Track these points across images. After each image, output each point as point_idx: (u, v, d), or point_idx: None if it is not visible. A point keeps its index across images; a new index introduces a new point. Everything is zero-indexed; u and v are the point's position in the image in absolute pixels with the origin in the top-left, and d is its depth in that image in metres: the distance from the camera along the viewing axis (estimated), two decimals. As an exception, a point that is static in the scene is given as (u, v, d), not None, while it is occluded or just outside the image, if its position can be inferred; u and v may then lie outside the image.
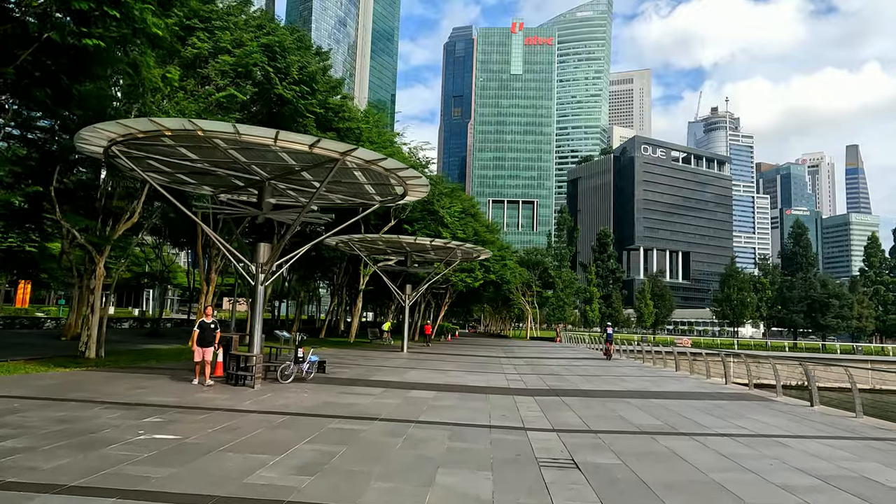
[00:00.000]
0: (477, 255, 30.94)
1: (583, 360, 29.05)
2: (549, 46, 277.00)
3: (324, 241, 28.78)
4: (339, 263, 40.83)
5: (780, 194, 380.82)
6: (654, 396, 14.40)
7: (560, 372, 21.16)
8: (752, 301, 67.89)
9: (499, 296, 70.90)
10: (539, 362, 26.56)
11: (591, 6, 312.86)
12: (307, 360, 14.74)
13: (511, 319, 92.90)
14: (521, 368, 22.18)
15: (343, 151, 12.90)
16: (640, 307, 76.36)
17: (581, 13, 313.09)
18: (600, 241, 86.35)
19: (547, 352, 38.76)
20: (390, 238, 27.25)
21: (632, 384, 17.42)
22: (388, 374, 17.56)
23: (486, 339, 64.27)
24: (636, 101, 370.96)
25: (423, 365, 22.14)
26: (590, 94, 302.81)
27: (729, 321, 69.66)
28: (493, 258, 43.22)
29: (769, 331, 76.00)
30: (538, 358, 30.19)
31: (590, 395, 14.23)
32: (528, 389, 15.16)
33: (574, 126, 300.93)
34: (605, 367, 24.22)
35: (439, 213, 37.33)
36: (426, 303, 52.04)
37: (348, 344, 35.04)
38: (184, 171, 15.94)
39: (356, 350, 29.79)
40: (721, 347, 52.79)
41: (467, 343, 49.27)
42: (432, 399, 12.51)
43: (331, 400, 11.65)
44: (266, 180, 15.59)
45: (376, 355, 26.37)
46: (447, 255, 29.69)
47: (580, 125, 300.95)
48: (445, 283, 44.08)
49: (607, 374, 21.03)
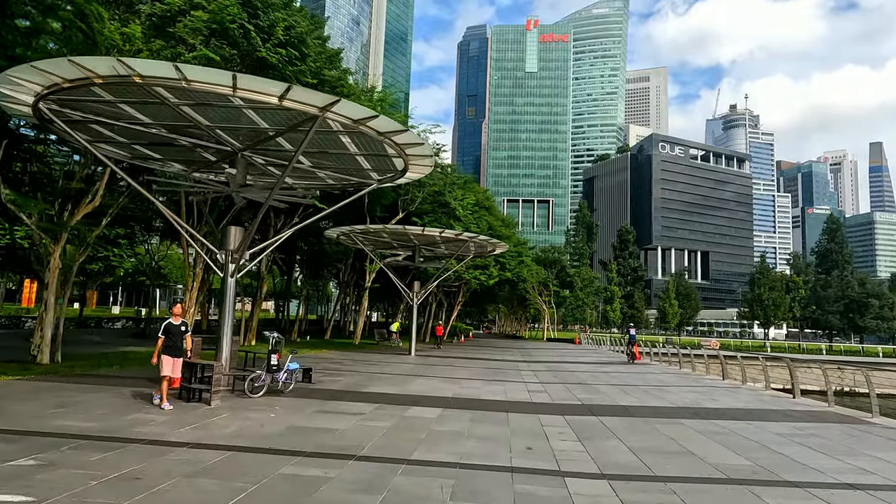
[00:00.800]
0: (492, 248, 28.10)
1: (610, 365, 26.09)
2: (564, 43, 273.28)
3: (326, 232, 26.23)
4: (346, 260, 38.26)
5: (802, 193, 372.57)
6: (714, 416, 11.49)
7: (588, 380, 18.29)
8: (783, 301, 63.86)
9: (514, 295, 67.93)
10: (562, 368, 23.69)
11: (606, 3, 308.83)
12: (285, 368, 12.03)
13: (526, 320, 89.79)
14: (542, 376, 19.34)
15: (323, 106, 10.20)
16: (664, 307, 72.36)
17: (597, 10, 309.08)
18: (621, 237, 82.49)
19: (567, 355, 35.81)
20: (395, 229, 24.54)
21: (678, 397, 14.50)
22: (387, 384, 14.83)
23: (501, 341, 61.35)
24: (653, 100, 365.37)
25: (431, 371, 19.39)
26: (606, 91, 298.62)
27: (759, 322, 65.49)
28: (508, 254, 40.34)
29: (802, 332, 71.72)
30: (560, 362, 27.28)
31: (634, 414, 11.37)
32: (555, 405, 12.34)
33: (590, 124, 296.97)
34: (639, 374, 21.26)
35: (451, 205, 34.58)
36: (438, 302, 49.30)
37: (353, 346, 32.42)
38: (142, 143, 13.38)
39: (360, 353, 27.14)
40: (752, 350, 49.35)
41: (481, 345, 46.46)
42: (436, 421, 9.76)
43: (301, 423, 8.93)
44: (238, 151, 12.96)
45: (380, 359, 23.69)
46: (459, 249, 26.91)
47: (596, 123, 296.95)
48: (458, 282, 41.31)
49: (644, 382, 18.12)
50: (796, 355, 43.46)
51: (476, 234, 25.22)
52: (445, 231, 24.32)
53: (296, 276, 53.72)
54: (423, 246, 28.12)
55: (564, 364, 26.10)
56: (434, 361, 24.24)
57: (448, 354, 30.00)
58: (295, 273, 49.80)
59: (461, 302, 52.03)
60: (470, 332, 63.48)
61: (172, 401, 10.11)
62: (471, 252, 29.43)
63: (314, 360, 20.81)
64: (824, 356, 46.45)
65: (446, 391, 13.99)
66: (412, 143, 12.33)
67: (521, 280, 50.64)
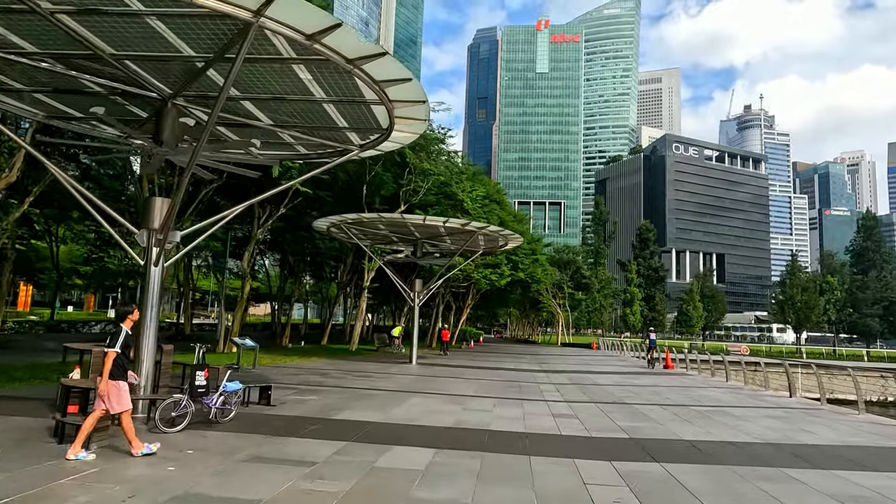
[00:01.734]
0: (503, 242, 24.67)
1: (642, 376, 22.53)
2: (575, 44, 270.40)
3: (314, 224, 23.01)
4: (344, 258, 35.02)
5: (819, 194, 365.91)
6: (830, 461, 8.00)
7: (624, 397, 14.81)
8: (817, 303, 59.31)
9: (527, 298, 64.39)
10: (586, 379, 20.20)
11: (618, 3, 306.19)
12: (220, 389, 8.66)
13: (539, 324, 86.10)
14: (567, 391, 15.87)
15: (256, 9, 6.87)
16: (688, 309, 67.97)
17: (608, 10, 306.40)
18: (641, 236, 78.09)
19: (588, 362, 32.26)
20: (393, 219, 21.23)
21: (755, 425, 10.95)
22: (370, 406, 11.45)
23: (513, 346, 57.85)
24: (665, 101, 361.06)
25: (432, 385, 16.01)
26: (618, 92, 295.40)
27: (792, 326, 60.94)
28: (521, 251, 36.94)
29: (837, 337, 66.85)
30: (582, 372, 23.76)
31: (713, 458, 7.89)
32: (594, 441, 8.89)
33: (602, 126, 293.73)
34: (682, 389, 17.69)
35: (458, 197, 31.25)
36: (445, 304, 45.90)
37: (349, 353, 29.12)
38: (45, 90, 10.14)
39: (354, 361, 23.82)
40: (788, 356, 45.34)
41: (492, 350, 43.00)
42: (422, 474, 6.36)
43: (205, 488, 5.54)
44: (167, 99, 9.68)
45: (375, 369, 20.35)
46: (466, 243, 23.50)
47: (608, 125, 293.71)
48: (467, 282, 37.91)
49: (695, 400, 14.60)
50: (843, 363, 39.53)
51: (485, 225, 21.80)
52: (450, 221, 20.93)
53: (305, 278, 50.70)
54: (426, 240, 24.77)
55: (589, 374, 22.57)
56: (437, 371, 20.85)
57: (454, 362, 26.59)
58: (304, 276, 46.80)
59: (470, 304, 48.61)
60: (480, 336, 60.03)
61: (33, 444, 6.81)
62: (480, 247, 26.03)
63: (294, 372, 17.53)
64: (869, 363, 42.45)
65: (446, 416, 10.58)
66: (395, 79, 8.88)
67: (534, 281, 47.14)
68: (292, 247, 31.57)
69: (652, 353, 28.90)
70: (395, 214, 20.86)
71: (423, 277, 25.10)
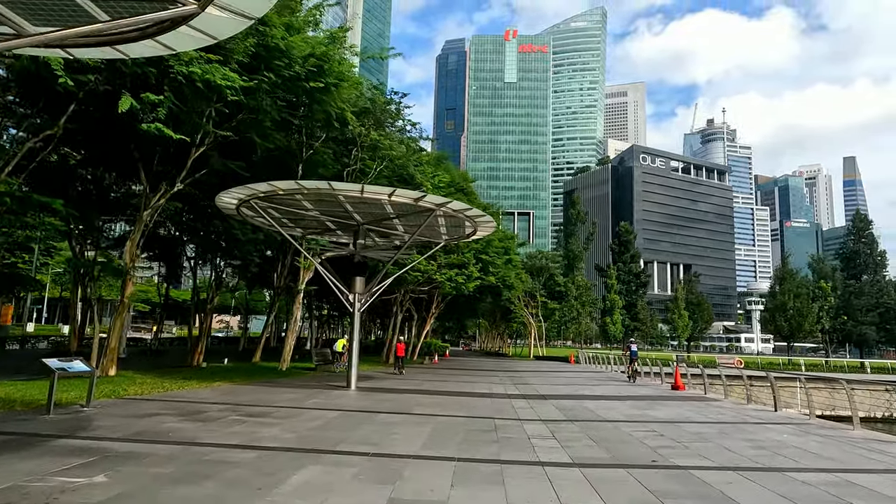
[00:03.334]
0: (471, 228, 18.83)
1: (654, 403, 16.94)
2: (543, 54, 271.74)
3: (217, 199, 16.89)
4: (283, 257, 28.72)
5: (779, 206, 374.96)
6: None
7: (665, 452, 9.14)
8: (810, 311, 55.38)
9: (497, 306, 58.79)
10: (586, 411, 14.52)
11: (585, 17, 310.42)
12: None
13: (510, 335, 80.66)
14: (568, 439, 10.13)
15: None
16: (673, 318, 62.82)
17: (575, 23, 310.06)
18: (621, 238, 72.58)
19: (573, 380, 26.72)
20: (319, 190, 15.21)
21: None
22: (199, 493, 5.51)
23: (483, 360, 52.02)
24: (630, 115, 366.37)
25: (357, 433, 10.08)
26: (585, 104, 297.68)
27: (783, 335, 56.16)
28: (493, 249, 31.30)
29: (831, 347, 62.49)
30: (576, 398, 18.04)
31: None
32: None
33: (569, 137, 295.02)
34: (739, 430, 12.03)
35: (417, 180, 25.52)
36: (405, 313, 39.85)
37: (276, 374, 22.83)
38: None
39: (269, 388, 17.63)
40: (785, 368, 40.76)
41: (459, 366, 37.12)
42: None
43: None
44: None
45: (285, 401, 14.28)
46: (422, 227, 17.63)
47: (575, 136, 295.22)
48: (429, 285, 32.07)
49: (794, 462, 9.11)
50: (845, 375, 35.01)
51: (446, 200, 15.96)
52: (399, 192, 15.08)
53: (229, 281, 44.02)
54: (371, 226, 18.84)
55: (586, 401, 16.87)
56: (379, 402, 14.90)
57: (409, 384, 20.60)
58: (226, 277, 40.14)
59: (435, 314, 42.65)
60: (446, 349, 54.03)
61: None
62: (441, 236, 20.24)
63: (151, 410, 11.42)
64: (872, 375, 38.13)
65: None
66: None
67: (507, 286, 41.52)
68: (201, 239, 25.15)
69: (633, 366, 26.29)
70: (321, 182, 14.90)
71: (361, 272, 19.05)
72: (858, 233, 63.84)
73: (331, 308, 53.53)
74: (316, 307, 47.47)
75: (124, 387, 15.28)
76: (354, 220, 18.38)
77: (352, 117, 20.77)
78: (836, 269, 63.91)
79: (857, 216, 66.05)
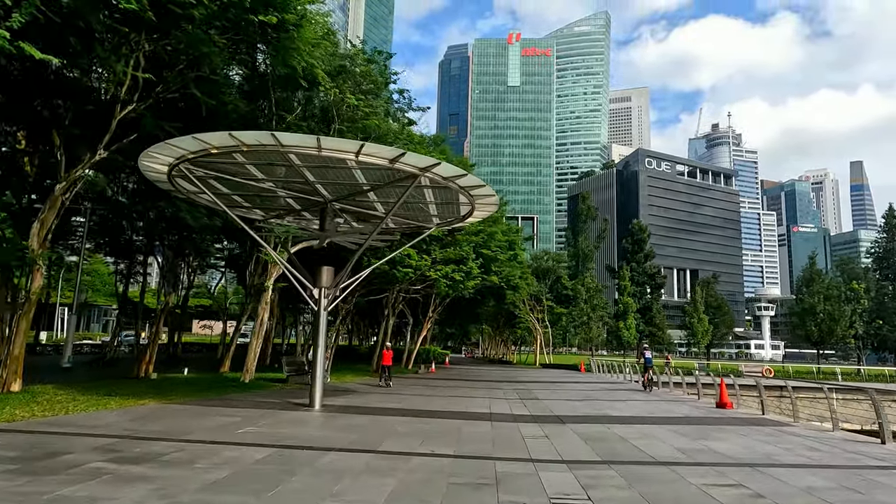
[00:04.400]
0: (467, 206, 14.97)
1: (708, 429, 12.96)
2: (547, 58, 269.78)
3: (140, 160, 13.15)
4: (256, 252, 24.93)
5: (786, 212, 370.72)
6: None
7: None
8: (843, 315, 50.41)
9: (501, 311, 54.74)
10: (614, 435, 10.63)
11: (589, 21, 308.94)
12: None
13: (515, 342, 76.53)
14: (602, 484, 6.31)
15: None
16: (692, 322, 58.04)
17: (579, 28, 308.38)
18: (634, 236, 67.71)
19: (589, 392, 22.78)
20: (261, 142, 11.28)
21: None
22: None
23: (486, 368, 47.95)
24: (634, 120, 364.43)
25: (284, 487, 6.25)
26: (589, 108, 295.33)
27: (813, 342, 51.28)
28: (495, 242, 27.43)
29: (865, 355, 57.13)
30: (597, 419, 14.12)
31: None
32: None
33: (573, 142, 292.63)
34: (850, 477, 8.26)
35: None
36: (399, 316, 35.84)
37: (236, 388, 18.96)
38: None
39: (213, 407, 13.77)
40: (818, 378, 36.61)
41: (458, 376, 33.14)
42: None
43: None
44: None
45: (212, 428, 10.42)
46: (401, 199, 13.72)
47: (579, 141, 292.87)
48: (423, 283, 28.13)
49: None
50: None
51: (434, 162, 12.13)
52: (367, 148, 11.28)
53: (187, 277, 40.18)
54: (343, 202, 15.02)
55: (612, 425, 12.93)
56: (340, 429, 11.04)
57: (390, 401, 16.65)
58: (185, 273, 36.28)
59: (432, 318, 38.67)
60: (446, 357, 50.03)
61: None
62: (430, 217, 16.39)
63: (28, 437, 7.57)
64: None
65: None
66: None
67: (511, 287, 37.53)
68: (145, 224, 21.32)
69: (648, 375, 24.60)
70: (263, 134, 11.08)
71: (332, 260, 15.19)
72: (892, 230, 58.86)
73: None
74: (310, 310, 43.57)
75: (11, 409, 11.55)
76: (321, 197, 14.55)
77: (323, 75, 16.93)
78: (868, 270, 59.08)
79: (891, 212, 60.85)
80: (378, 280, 26.00)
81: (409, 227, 17.46)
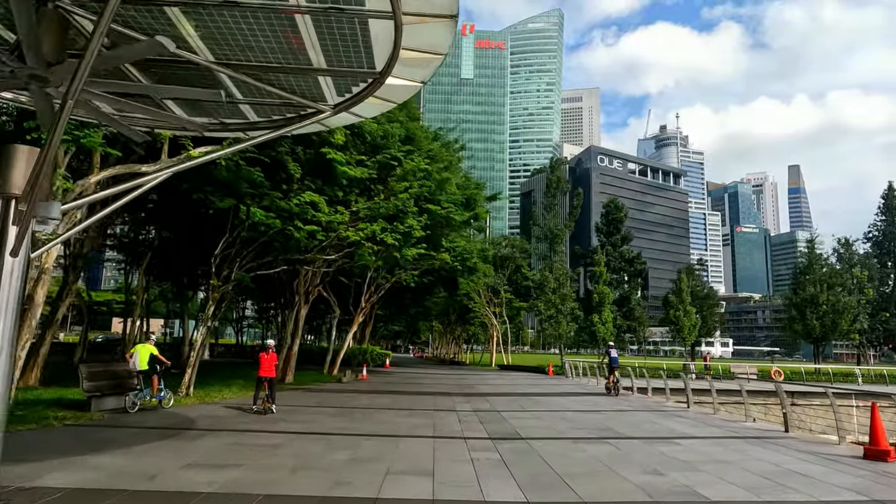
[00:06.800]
0: (385, 51, 6.59)
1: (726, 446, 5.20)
2: (501, 51, 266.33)
3: None
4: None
5: (729, 212, 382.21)
6: None
7: None
8: (848, 306, 43.50)
9: (453, 304, 46.53)
10: None
11: (542, 18, 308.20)
12: None
13: (467, 340, 68.60)
14: None
15: None
16: (678, 316, 50.71)
17: (533, 24, 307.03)
18: (609, 216, 60.31)
19: (569, 403, 14.82)
20: None
21: None
22: None
23: (435, 370, 39.60)
24: (585, 120, 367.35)
25: None
26: (542, 106, 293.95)
27: (814, 337, 44.40)
28: (448, 196, 19.07)
29: (863, 352, 50.81)
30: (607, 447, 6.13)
31: None
32: None
33: (526, 139, 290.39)
34: None
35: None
36: (310, 305, 26.89)
37: None
38: None
39: None
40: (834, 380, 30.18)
41: (398, 381, 24.58)
42: None
43: None
44: None
45: None
46: None
47: (532, 138, 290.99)
48: (342, 254, 19.43)
49: None
50: None
51: None
52: None
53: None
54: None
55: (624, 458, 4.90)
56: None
57: (236, 456, 7.99)
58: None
59: (365, 309, 29.90)
60: (387, 358, 41.43)
61: None
62: (312, 67, 7.78)
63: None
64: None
65: None
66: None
67: (467, 269, 29.24)
68: None
69: (614, 377, 21.95)
70: None
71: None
72: (892, 211, 53.03)
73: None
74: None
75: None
76: None
77: None
78: (869, 256, 53.01)
79: (891, 191, 54.87)
80: (275, 249, 17.25)
81: (273, 97, 8.76)
